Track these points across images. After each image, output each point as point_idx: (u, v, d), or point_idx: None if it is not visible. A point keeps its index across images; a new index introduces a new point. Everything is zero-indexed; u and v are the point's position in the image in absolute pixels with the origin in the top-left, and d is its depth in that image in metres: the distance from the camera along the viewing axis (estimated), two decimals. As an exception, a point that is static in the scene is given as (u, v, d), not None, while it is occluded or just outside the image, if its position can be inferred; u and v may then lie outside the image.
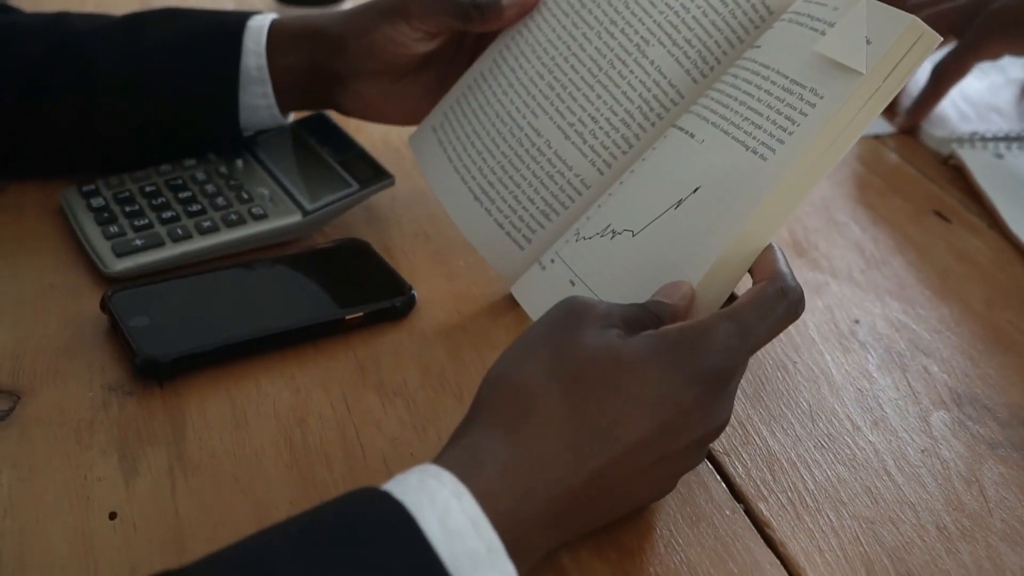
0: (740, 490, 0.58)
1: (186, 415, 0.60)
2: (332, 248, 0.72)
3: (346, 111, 0.78)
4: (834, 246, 0.78)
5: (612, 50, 0.66)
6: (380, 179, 0.75)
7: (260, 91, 0.75)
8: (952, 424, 0.63)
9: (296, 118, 0.81)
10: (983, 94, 0.99)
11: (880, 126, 0.94)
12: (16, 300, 0.67)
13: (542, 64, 0.68)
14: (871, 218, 0.82)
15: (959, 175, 0.88)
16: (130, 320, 0.63)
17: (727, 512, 0.56)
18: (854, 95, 0.56)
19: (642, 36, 0.66)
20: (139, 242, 0.69)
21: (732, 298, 0.57)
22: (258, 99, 0.76)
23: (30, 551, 0.52)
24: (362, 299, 0.67)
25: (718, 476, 0.58)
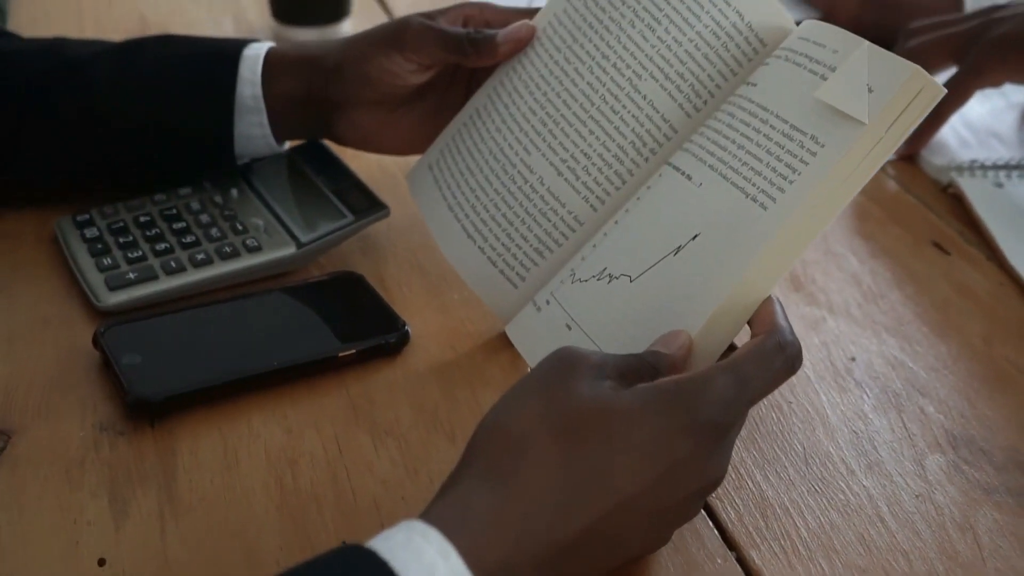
0: (732, 537, 0.57)
1: (177, 455, 0.60)
2: (326, 281, 0.72)
3: (342, 140, 0.77)
4: (832, 279, 0.78)
5: (604, 85, 0.66)
6: (375, 210, 0.75)
7: (256, 120, 0.75)
8: (947, 468, 0.62)
9: (292, 145, 0.80)
10: (984, 119, 0.98)
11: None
12: (9, 333, 0.67)
13: (535, 100, 0.68)
14: (869, 249, 0.81)
15: (959, 204, 0.87)
16: (122, 358, 0.63)
17: (719, 560, 0.56)
18: (856, 145, 0.55)
19: (634, 71, 0.65)
20: (132, 275, 0.69)
21: (731, 348, 0.57)
22: (253, 128, 0.75)
23: (18, 599, 0.52)
24: (356, 335, 0.67)
25: (710, 523, 0.58)
